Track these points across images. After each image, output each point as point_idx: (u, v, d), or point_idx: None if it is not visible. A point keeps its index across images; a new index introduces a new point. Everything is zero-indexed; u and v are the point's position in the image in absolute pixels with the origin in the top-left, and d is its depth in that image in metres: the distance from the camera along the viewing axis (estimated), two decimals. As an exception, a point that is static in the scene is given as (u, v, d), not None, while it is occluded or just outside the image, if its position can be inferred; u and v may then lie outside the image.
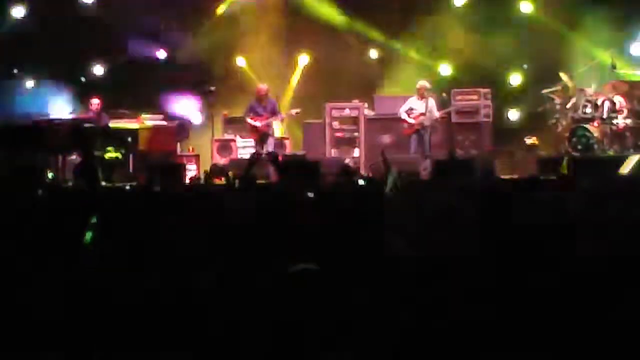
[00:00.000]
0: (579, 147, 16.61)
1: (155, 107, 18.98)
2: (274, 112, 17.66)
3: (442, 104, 17.87)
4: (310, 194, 7.57)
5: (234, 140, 18.89)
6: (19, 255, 4.39)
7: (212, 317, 3.60)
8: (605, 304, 3.52)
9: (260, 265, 4.08)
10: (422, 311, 3.54)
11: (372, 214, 5.31)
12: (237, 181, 9.63)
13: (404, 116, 17.34)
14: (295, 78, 19.99)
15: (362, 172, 17.88)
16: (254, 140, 17.84)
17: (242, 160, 17.88)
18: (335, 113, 18.66)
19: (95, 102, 17.35)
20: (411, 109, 17.36)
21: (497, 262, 4.10)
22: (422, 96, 17.34)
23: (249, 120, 17.61)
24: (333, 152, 18.55)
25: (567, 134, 16.86)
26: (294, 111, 18.28)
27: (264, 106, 17.60)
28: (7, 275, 4.07)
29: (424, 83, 17.50)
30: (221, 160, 18.38)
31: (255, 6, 19.38)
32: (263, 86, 18.02)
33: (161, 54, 20.09)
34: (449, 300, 3.61)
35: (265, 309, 3.53)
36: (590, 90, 17.00)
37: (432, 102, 17.37)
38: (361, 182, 7.70)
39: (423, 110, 17.26)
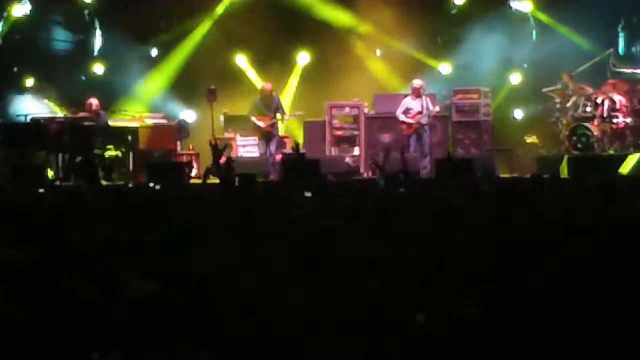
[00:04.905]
0: (579, 145, 16.60)
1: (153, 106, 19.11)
2: (278, 110, 17.67)
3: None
4: (309, 193, 7.56)
5: (234, 139, 18.87)
6: (20, 254, 4.38)
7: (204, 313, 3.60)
8: (606, 304, 3.52)
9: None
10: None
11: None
12: (236, 179, 9.61)
13: (401, 118, 17.32)
14: (295, 77, 19.97)
15: (362, 170, 17.90)
16: (257, 139, 17.85)
17: (242, 158, 17.84)
18: (335, 112, 18.63)
19: (93, 102, 17.30)
20: (408, 109, 17.34)
21: (498, 261, 4.10)
22: (417, 95, 17.33)
23: (253, 119, 17.62)
24: (333, 151, 18.53)
25: (567, 133, 16.85)
26: (297, 113, 18.44)
27: (268, 105, 17.63)
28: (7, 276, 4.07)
29: (419, 82, 17.49)
30: (221, 159, 18.32)
31: (256, 5, 19.35)
32: (268, 85, 18.01)
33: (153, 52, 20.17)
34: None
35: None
36: (589, 89, 17.00)
37: (427, 100, 17.36)
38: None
39: (420, 109, 17.25)
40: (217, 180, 9.97)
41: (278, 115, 17.65)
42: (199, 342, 3.50)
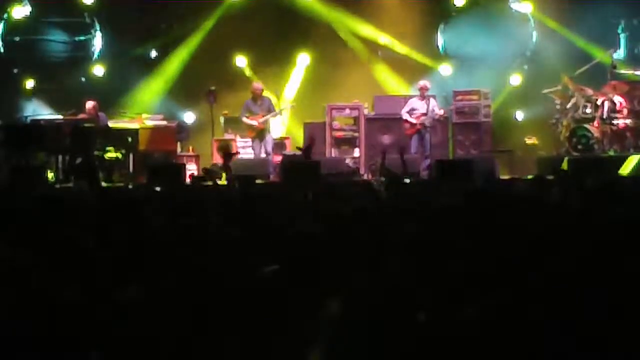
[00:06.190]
0: (579, 147, 16.61)
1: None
2: (269, 110, 17.70)
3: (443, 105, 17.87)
4: (309, 195, 7.56)
5: (234, 140, 18.86)
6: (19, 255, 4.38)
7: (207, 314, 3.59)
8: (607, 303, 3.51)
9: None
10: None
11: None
12: (236, 181, 9.62)
13: (405, 117, 17.35)
14: (296, 78, 19.94)
15: (362, 172, 17.89)
16: (251, 139, 17.86)
17: (242, 160, 17.82)
18: (335, 113, 18.63)
19: (90, 104, 17.27)
20: (413, 109, 17.37)
21: (497, 260, 4.10)
22: (423, 96, 17.37)
23: (244, 119, 17.65)
24: (333, 152, 18.52)
25: (567, 134, 16.86)
26: (289, 105, 18.45)
27: (260, 105, 17.66)
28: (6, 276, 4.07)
29: (425, 83, 17.52)
30: (221, 160, 18.33)
31: (256, 6, 19.35)
32: (258, 85, 18.06)
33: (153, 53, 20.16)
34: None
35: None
36: (589, 90, 17.01)
37: (433, 102, 17.38)
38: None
39: (425, 110, 17.27)
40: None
41: (272, 114, 17.66)
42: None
